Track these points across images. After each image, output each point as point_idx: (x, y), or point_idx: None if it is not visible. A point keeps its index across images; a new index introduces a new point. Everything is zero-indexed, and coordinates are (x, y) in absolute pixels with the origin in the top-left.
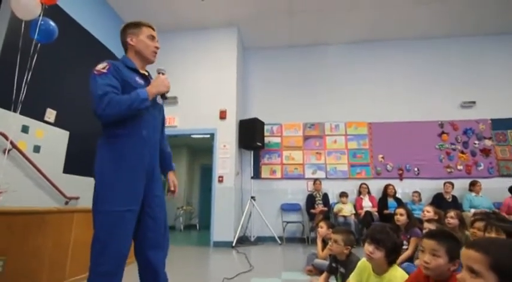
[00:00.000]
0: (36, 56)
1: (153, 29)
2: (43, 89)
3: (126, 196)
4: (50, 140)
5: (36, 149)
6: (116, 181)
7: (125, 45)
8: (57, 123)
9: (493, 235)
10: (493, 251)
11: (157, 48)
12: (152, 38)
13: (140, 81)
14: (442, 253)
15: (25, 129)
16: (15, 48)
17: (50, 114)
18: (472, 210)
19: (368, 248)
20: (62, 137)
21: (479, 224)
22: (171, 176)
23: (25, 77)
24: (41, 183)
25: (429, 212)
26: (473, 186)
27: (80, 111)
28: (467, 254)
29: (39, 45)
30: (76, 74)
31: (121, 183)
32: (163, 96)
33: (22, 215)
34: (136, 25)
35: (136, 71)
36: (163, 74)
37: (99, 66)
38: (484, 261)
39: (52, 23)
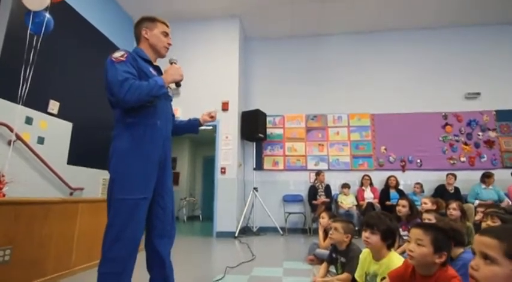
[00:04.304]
0: (39, 48)
1: (167, 26)
2: (46, 80)
3: (141, 184)
4: (54, 131)
5: (40, 140)
6: (132, 170)
7: (139, 38)
8: (61, 114)
9: (489, 222)
10: (508, 238)
11: (169, 44)
12: (166, 34)
13: (154, 72)
14: (426, 243)
15: (29, 120)
16: (18, 40)
17: (54, 106)
18: (477, 202)
19: (364, 234)
20: (65, 128)
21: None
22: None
23: (28, 69)
24: (45, 174)
25: (426, 203)
26: (487, 178)
27: (83, 103)
28: (481, 240)
29: (37, 36)
30: (79, 66)
31: (137, 171)
32: (177, 84)
33: (28, 205)
34: (152, 20)
35: (149, 62)
36: (175, 63)
37: (117, 54)
38: (499, 248)
39: (48, 15)
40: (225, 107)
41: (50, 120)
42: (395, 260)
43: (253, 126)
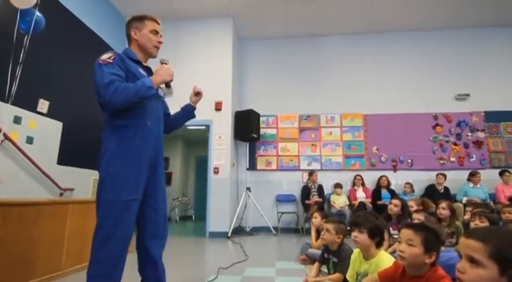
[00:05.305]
0: (28, 46)
1: (157, 22)
2: (35, 79)
3: (131, 185)
4: (43, 131)
5: (29, 140)
6: (122, 171)
7: (129, 38)
8: (50, 114)
9: (477, 222)
10: (492, 240)
11: (159, 42)
12: (155, 32)
13: (143, 72)
14: (417, 243)
15: (17, 120)
16: (7, 38)
17: (43, 105)
18: (465, 199)
19: (353, 233)
20: (55, 128)
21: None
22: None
23: (17, 68)
24: (35, 175)
25: (412, 207)
26: (472, 176)
27: (73, 102)
28: (466, 243)
29: (27, 35)
30: (69, 65)
31: (127, 173)
32: (167, 85)
33: (17, 206)
34: (140, 19)
35: (139, 63)
36: (166, 63)
37: (104, 56)
38: (484, 250)
39: (38, 13)
40: (218, 106)
41: (39, 119)
42: (385, 259)
43: (247, 126)
